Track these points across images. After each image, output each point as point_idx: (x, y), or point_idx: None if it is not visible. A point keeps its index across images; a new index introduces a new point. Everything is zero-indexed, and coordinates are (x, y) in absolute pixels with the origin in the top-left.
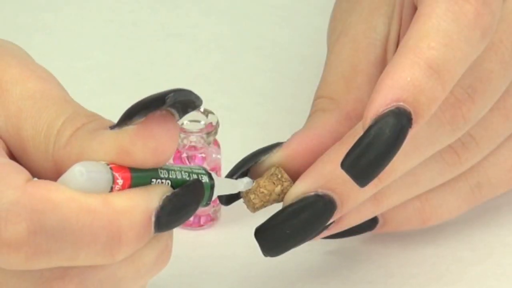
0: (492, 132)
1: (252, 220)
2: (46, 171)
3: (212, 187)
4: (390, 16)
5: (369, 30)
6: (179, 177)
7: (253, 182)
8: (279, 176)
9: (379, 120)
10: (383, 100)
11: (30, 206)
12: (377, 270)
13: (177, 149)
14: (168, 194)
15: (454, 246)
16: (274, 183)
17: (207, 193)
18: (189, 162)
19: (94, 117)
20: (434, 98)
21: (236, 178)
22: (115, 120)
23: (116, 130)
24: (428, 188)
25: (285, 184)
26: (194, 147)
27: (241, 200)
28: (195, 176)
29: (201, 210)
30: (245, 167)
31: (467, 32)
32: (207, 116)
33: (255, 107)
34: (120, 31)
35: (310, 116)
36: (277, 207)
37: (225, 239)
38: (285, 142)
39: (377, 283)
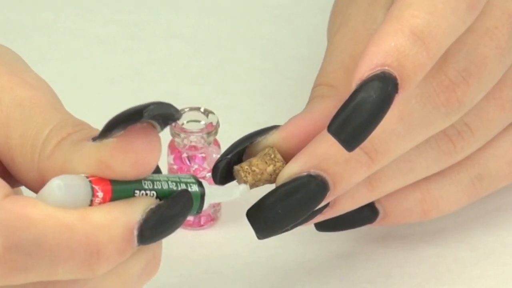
0: (488, 122)
1: None
2: (33, 181)
3: (202, 196)
4: (389, 6)
5: (369, 21)
6: (165, 187)
7: (250, 187)
8: (272, 156)
9: (365, 84)
10: (368, 65)
11: (6, 222)
12: (377, 270)
13: (178, 149)
14: (152, 206)
15: (454, 246)
16: (266, 163)
17: (196, 203)
18: (190, 162)
19: (80, 127)
20: (420, 65)
21: (231, 157)
22: None
23: (97, 143)
24: (424, 175)
25: (278, 164)
26: (194, 147)
27: (241, 200)
28: (183, 186)
29: None
30: (240, 147)
31: (452, 3)
32: (207, 116)
33: (255, 107)
34: (120, 31)
35: (308, 102)
36: (270, 187)
37: (225, 239)
38: (282, 125)
39: (377, 283)
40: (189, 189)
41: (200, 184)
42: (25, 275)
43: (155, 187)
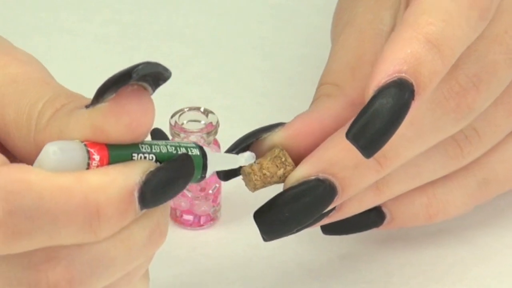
0: (496, 127)
1: (252, 220)
2: (30, 155)
3: (204, 161)
4: (397, 8)
5: (375, 21)
6: (164, 151)
7: (255, 157)
8: (283, 159)
9: (382, 90)
10: (385, 71)
11: (5, 187)
12: (377, 270)
13: None
14: (152, 169)
15: (454, 246)
16: (277, 166)
17: (198, 168)
18: None
19: (74, 97)
20: (435, 72)
21: (237, 153)
22: None
23: (90, 109)
24: (430, 179)
25: (288, 168)
26: None
27: (240, 200)
28: (183, 150)
29: (201, 210)
30: (246, 143)
31: (465, 11)
32: (207, 116)
33: (255, 107)
34: (120, 31)
35: (314, 100)
36: (277, 188)
37: (225, 239)
38: (287, 122)
39: (377, 283)
40: (190, 153)
41: (201, 150)
42: (28, 241)
43: (154, 150)
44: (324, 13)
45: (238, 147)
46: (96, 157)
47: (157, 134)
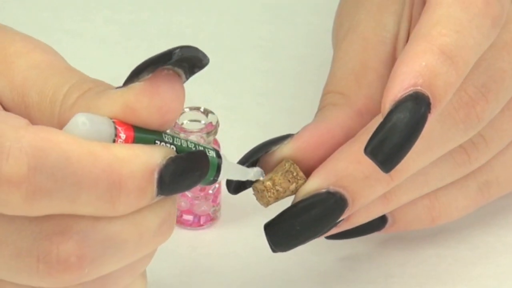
0: (502, 133)
1: (252, 220)
2: None
3: (219, 164)
4: (400, 14)
5: (379, 28)
6: (184, 145)
7: (263, 173)
8: (294, 174)
9: (399, 104)
10: (401, 85)
11: (31, 143)
12: (377, 270)
13: None
14: (172, 156)
15: (454, 246)
16: (289, 181)
17: (212, 169)
18: None
19: (100, 83)
20: (450, 83)
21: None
22: None
23: (123, 88)
24: (437, 187)
25: (300, 182)
26: None
27: (240, 199)
28: (201, 147)
29: (201, 210)
30: (256, 157)
31: (477, 20)
32: (207, 115)
33: (255, 107)
34: (120, 31)
35: (320, 110)
36: (287, 200)
37: (225, 239)
38: (295, 134)
39: (377, 283)
40: (207, 154)
41: (218, 154)
42: (48, 201)
43: (175, 142)
44: (324, 13)
45: (248, 161)
46: (122, 135)
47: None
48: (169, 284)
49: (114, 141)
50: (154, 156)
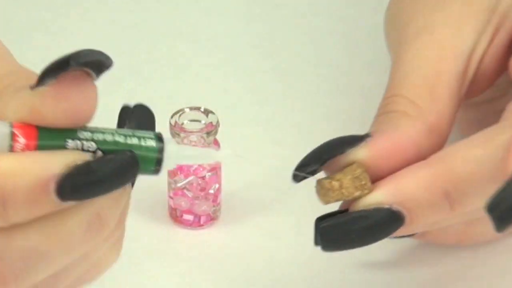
0: None
1: (252, 220)
2: None
3: (160, 152)
4: (480, 31)
5: (457, 39)
6: (109, 139)
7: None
8: (363, 182)
9: None
10: None
11: None
12: (377, 270)
13: None
14: (79, 162)
15: (454, 246)
16: (356, 188)
17: (149, 162)
18: None
19: (27, 76)
20: None
21: (317, 168)
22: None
23: (32, 91)
24: (478, 216)
25: (365, 192)
26: None
27: (240, 199)
28: (134, 139)
29: (201, 210)
30: (331, 155)
31: None
32: (207, 115)
33: (255, 107)
34: (120, 31)
35: (388, 114)
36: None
37: (225, 239)
38: (369, 138)
39: (377, 283)
40: (143, 144)
41: (160, 140)
42: None
43: (95, 138)
44: (324, 13)
45: (320, 161)
46: (21, 140)
47: (135, 112)
48: (169, 284)
49: (11, 146)
50: (51, 166)
